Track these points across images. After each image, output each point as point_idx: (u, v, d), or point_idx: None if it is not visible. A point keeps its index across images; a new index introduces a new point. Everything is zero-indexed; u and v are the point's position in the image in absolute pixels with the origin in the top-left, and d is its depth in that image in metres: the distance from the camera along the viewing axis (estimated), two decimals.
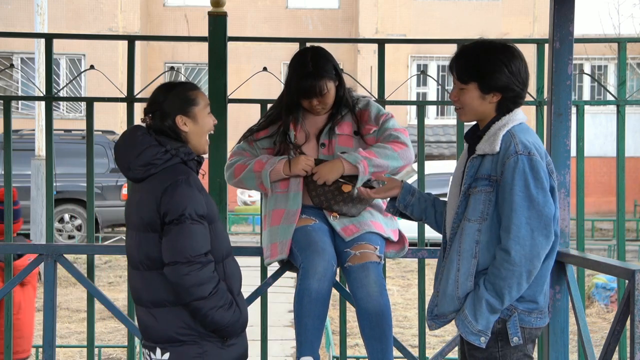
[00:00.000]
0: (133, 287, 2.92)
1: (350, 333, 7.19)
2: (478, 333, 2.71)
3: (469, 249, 2.76)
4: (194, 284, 2.71)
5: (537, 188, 2.69)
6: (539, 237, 2.68)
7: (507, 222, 2.69)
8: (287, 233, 3.39)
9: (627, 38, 4.43)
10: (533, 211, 2.68)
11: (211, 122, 2.98)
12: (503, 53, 2.82)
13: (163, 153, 2.82)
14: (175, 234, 2.73)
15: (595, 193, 18.97)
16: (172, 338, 2.80)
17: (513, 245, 2.66)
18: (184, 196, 2.75)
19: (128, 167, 2.86)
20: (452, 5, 20.00)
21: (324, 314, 3.25)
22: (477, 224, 2.76)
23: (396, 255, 3.60)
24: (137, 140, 2.85)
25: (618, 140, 4.28)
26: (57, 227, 13.94)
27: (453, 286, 2.77)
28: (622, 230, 4.26)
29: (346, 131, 3.52)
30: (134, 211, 2.86)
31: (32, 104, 15.40)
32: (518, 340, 2.73)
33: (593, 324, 8.33)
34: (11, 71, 18.13)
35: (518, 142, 2.73)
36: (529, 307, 2.77)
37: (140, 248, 2.83)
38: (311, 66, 3.42)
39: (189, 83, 3.01)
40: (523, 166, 2.69)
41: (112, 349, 7.04)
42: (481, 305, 2.70)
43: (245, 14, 20.21)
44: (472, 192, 2.79)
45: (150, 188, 2.80)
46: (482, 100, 2.83)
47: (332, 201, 3.45)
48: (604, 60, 20.03)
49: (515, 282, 2.67)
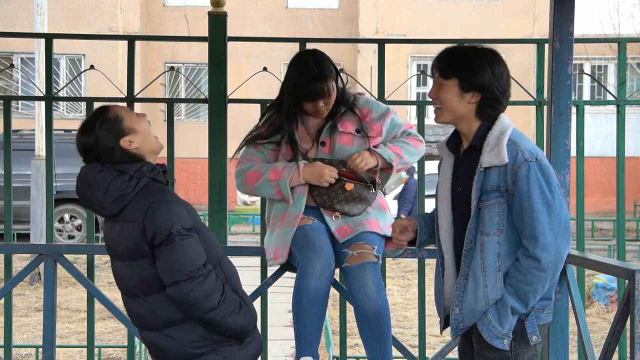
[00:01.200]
0: (135, 315, 2.85)
1: (350, 333, 7.19)
2: (503, 336, 2.74)
3: (493, 263, 2.76)
4: (200, 298, 2.68)
5: (551, 193, 2.72)
6: (562, 241, 2.72)
7: (531, 231, 2.70)
8: (288, 237, 3.39)
9: (627, 38, 4.43)
10: (553, 216, 2.71)
11: (144, 119, 2.86)
12: (488, 54, 2.83)
13: (128, 180, 2.74)
14: (168, 255, 2.68)
15: (595, 193, 18.97)
16: (190, 353, 2.77)
17: (541, 253, 2.69)
18: (166, 215, 2.69)
19: (101, 207, 2.78)
20: (452, 5, 20.00)
21: (322, 313, 3.25)
22: (496, 237, 2.77)
23: (394, 253, 3.60)
24: (98, 178, 2.78)
25: (618, 140, 4.29)
26: (57, 227, 13.93)
27: (483, 302, 2.77)
28: (622, 230, 4.26)
29: (348, 129, 3.51)
30: (118, 243, 2.79)
31: (32, 104, 15.40)
32: (537, 339, 2.77)
33: (593, 324, 8.33)
34: (11, 71, 18.13)
35: (524, 150, 2.74)
36: (544, 304, 2.81)
37: (133, 276, 2.77)
38: (315, 68, 3.41)
39: (98, 109, 2.88)
40: (535, 173, 2.71)
41: (112, 349, 7.03)
42: (506, 311, 2.73)
43: (245, 14, 20.21)
44: (485, 206, 2.78)
45: (129, 216, 2.74)
46: (460, 99, 2.81)
47: (334, 200, 3.45)
48: (604, 60, 20.04)
49: (541, 286, 2.73)
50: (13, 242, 4.25)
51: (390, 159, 3.45)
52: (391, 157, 3.45)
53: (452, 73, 2.82)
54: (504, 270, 2.76)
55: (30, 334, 7.93)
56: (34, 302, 9.42)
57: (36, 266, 3.90)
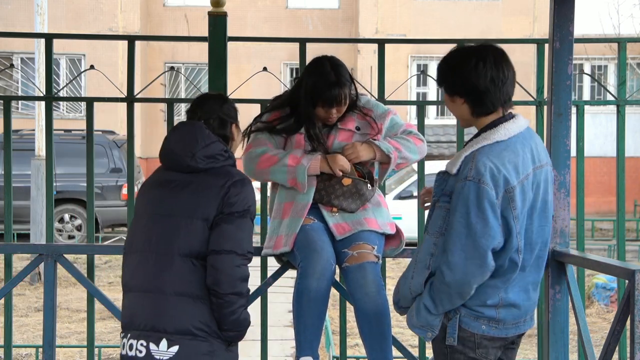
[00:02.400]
0: (149, 273, 2.82)
1: (350, 333, 7.19)
2: (420, 328, 2.79)
3: (423, 259, 2.80)
4: (240, 277, 2.80)
5: (477, 217, 2.64)
6: (472, 267, 2.66)
7: (445, 245, 2.71)
8: (294, 227, 3.39)
9: (627, 38, 4.43)
10: (469, 239, 2.65)
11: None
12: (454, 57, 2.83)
13: (224, 151, 2.96)
14: (238, 225, 2.82)
15: (595, 193, 18.96)
16: (187, 330, 2.77)
17: (446, 269, 2.69)
18: (250, 193, 2.89)
19: (192, 155, 2.90)
20: (452, 5, 20.00)
21: (323, 313, 3.26)
22: (434, 238, 2.78)
23: (394, 252, 3.60)
24: (204, 133, 2.95)
25: (618, 140, 4.29)
26: (57, 227, 13.93)
27: (407, 291, 2.85)
28: (622, 230, 4.26)
29: (348, 126, 3.53)
30: (183, 199, 2.85)
31: (32, 104, 15.40)
32: (453, 341, 2.76)
33: (593, 324, 8.33)
34: (11, 71, 18.13)
35: (473, 167, 2.67)
36: (473, 314, 2.76)
37: (188, 235, 2.81)
38: (334, 75, 3.43)
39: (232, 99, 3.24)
40: (468, 193, 2.65)
41: (112, 349, 7.03)
42: (420, 305, 2.78)
43: (245, 14, 20.21)
44: (437, 207, 2.82)
45: (211, 180, 2.88)
46: (453, 104, 2.85)
47: (332, 195, 3.45)
48: (604, 60, 20.03)
49: (446, 297, 2.73)
50: (13, 242, 4.24)
51: (388, 151, 3.45)
52: (389, 150, 3.46)
53: (439, 82, 2.90)
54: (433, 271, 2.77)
55: (30, 334, 7.93)
56: (34, 302, 9.42)
57: (36, 266, 3.90)
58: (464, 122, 2.92)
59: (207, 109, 3.07)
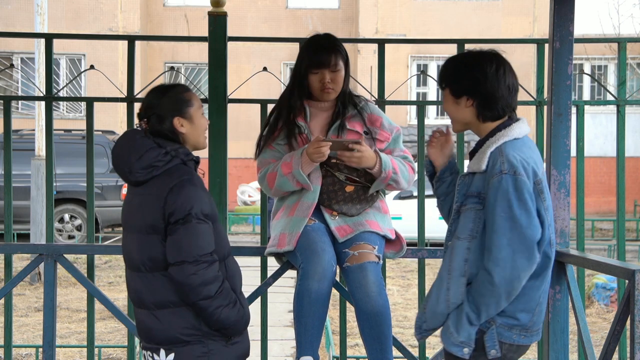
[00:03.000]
0: (134, 290, 2.91)
1: (350, 333, 7.19)
2: (460, 344, 2.70)
3: (459, 267, 2.73)
4: (200, 283, 2.73)
5: (520, 209, 2.63)
6: (521, 259, 2.63)
7: (489, 243, 2.65)
8: (299, 226, 3.39)
9: (627, 38, 4.43)
10: (515, 232, 2.63)
11: (205, 122, 3.00)
12: (470, 58, 2.82)
13: (164, 155, 2.84)
14: (181, 234, 2.74)
15: (595, 193, 18.97)
16: (176, 339, 2.80)
17: (493, 267, 2.63)
18: (189, 196, 2.76)
19: (129, 171, 2.86)
20: (452, 5, 20.00)
21: (323, 315, 3.25)
22: (467, 242, 2.73)
23: (395, 256, 3.60)
24: (136, 143, 2.86)
25: (618, 140, 4.29)
26: (57, 227, 13.93)
27: (444, 305, 2.75)
28: (622, 230, 4.26)
29: (357, 128, 3.52)
30: (135, 214, 2.86)
31: (32, 104, 15.40)
32: (496, 353, 2.70)
33: (593, 324, 8.32)
34: (11, 71, 18.13)
35: (505, 160, 2.67)
36: (508, 322, 2.73)
37: (142, 250, 2.83)
38: (325, 41, 3.49)
39: (181, 85, 3.02)
40: (507, 186, 2.64)
41: (112, 349, 7.03)
42: (462, 318, 2.69)
43: (245, 14, 20.22)
44: (463, 210, 2.77)
45: (153, 190, 2.81)
46: (457, 106, 2.83)
47: (333, 200, 3.46)
48: (604, 60, 20.03)
49: (493, 301, 2.66)
50: (13, 242, 4.24)
51: (385, 168, 3.41)
52: (387, 167, 3.42)
53: (444, 83, 2.86)
54: (470, 278, 2.71)
55: (30, 334, 7.92)
56: (34, 302, 9.41)
57: (36, 266, 3.90)
58: (462, 126, 2.87)
59: (146, 106, 2.93)
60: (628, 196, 17.72)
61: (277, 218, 3.55)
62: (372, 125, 3.55)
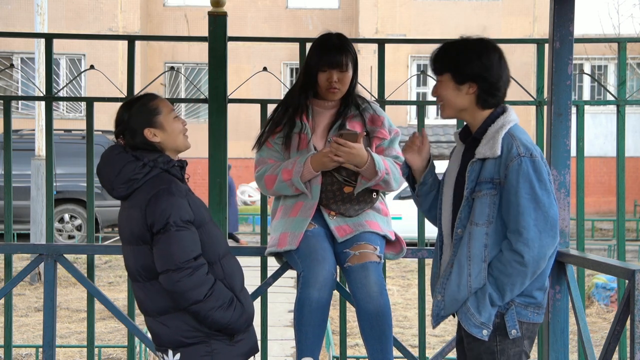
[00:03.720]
0: (137, 299, 2.97)
1: (350, 333, 7.19)
2: (481, 326, 2.74)
3: (479, 253, 2.77)
4: (187, 289, 2.76)
5: (542, 190, 2.71)
6: (547, 239, 2.71)
7: (515, 225, 2.71)
8: (301, 226, 3.39)
9: (627, 38, 4.43)
10: (539, 213, 2.70)
11: (180, 125, 3.00)
12: (477, 45, 2.85)
13: (141, 167, 2.88)
14: (162, 243, 2.78)
15: (595, 193, 18.96)
16: (181, 342, 2.86)
17: (523, 248, 2.69)
18: (166, 205, 2.79)
19: (111, 187, 2.92)
20: (452, 5, 20.00)
21: (324, 322, 3.27)
22: (485, 228, 2.77)
23: (395, 257, 3.60)
24: (114, 159, 2.91)
25: (618, 140, 4.28)
26: (57, 227, 13.93)
27: (465, 291, 2.78)
28: (622, 230, 4.26)
29: (356, 129, 3.52)
30: (125, 227, 2.92)
31: (32, 104, 15.39)
32: (517, 333, 2.76)
33: (593, 324, 8.32)
34: (11, 71, 18.13)
35: (520, 144, 2.74)
36: (526, 300, 2.79)
37: (136, 260, 2.89)
38: (336, 40, 3.49)
39: (148, 94, 3.03)
40: (527, 168, 2.71)
41: (112, 349, 7.03)
42: (485, 299, 2.74)
43: (245, 14, 20.22)
44: (477, 196, 2.79)
45: (135, 203, 2.86)
46: (457, 92, 2.84)
47: (331, 200, 3.46)
48: (604, 60, 20.03)
49: (519, 281, 2.72)
50: (13, 242, 4.24)
51: (378, 169, 3.39)
52: (380, 168, 3.40)
53: (445, 68, 2.87)
54: (489, 261, 2.76)
55: (30, 334, 7.92)
56: (34, 302, 9.41)
57: (36, 266, 3.90)
58: (455, 112, 2.89)
59: (117, 123, 2.97)
60: (628, 196, 17.72)
61: (277, 218, 3.55)
62: (374, 125, 3.55)
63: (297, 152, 3.49)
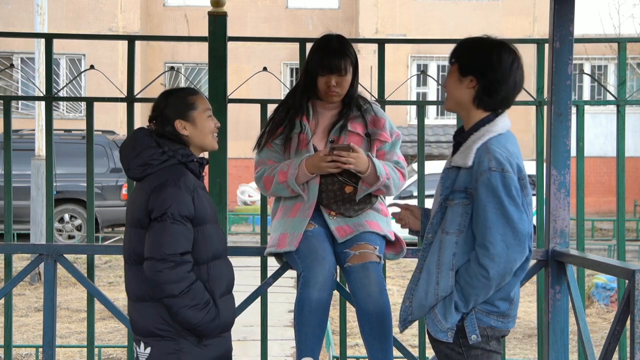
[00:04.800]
0: (125, 280, 3.03)
1: (350, 333, 7.19)
2: (447, 330, 2.76)
3: (448, 261, 2.78)
4: (165, 281, 2.79)
5: (511, 205, 2.68)
6: (514, 254, 2.69)
7: (483, 240, 2.69)
8: (300, 226, 3.39)
9: (627, 38, 4.43)
10: (507, 228, 2.68)
11: (212, 124, 3.04)
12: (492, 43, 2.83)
13: (160, 154, 2.92)
14: (155, 231, 2.82)
15: (595, 193, 18.97)
16: (152, 332, 2.89)
17: (489, 263, 2.68)
18: (169, 196, 2.83)
19: (128, 167, 2.98)
20: (452, 5, 20.01)
21: (324, 322, 3.27)
22: (455, 237, 2.77)
23: (395, 257, 3.60)
24: (137, 141, 2.97)
25: (618, 140, 4.28)
26: (57, 227, 13.93)
27: (432, 299, 2.80)
28: (622, 230, 4.26)
29: (358, 130, 3.52)
30: (130, 208, 2.97)
31: (32, 104, 15.40)
32: (477, 338, 2.76)
33: (593, 324, 8.33)
34: (11, 71, 18.13)
35: (492, 158, 2.70)
36: (487, 308, 2.78)
37: (130, 242, 2.93)
38: (336, 44, 3.47)
39: (189, 88, 3.09)
40: (496, 183, 2.67)
41: (112, 349, 7.03)
42: (450, 306, 2.75)
43: (245, 14, 20.22)
44: (450, 205, 2.80)
45: (144, 187, 2.91)
46: (459, 84, 2.83)
47: (332, 200, 3.45)
48: (604, 60, 20.04)
49: (483, 293, 2.73)
50: (13, 242, 4.24)
51: (380, 174, 3.40)
52: (381, 174, 3.41)
53: (455, 58, 2.86)
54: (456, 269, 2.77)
55: (30, 334, 7.93)
56: (34, 302, 9.42)
57: (36, 266, 3.90)
58: (455, 105, 2.88)
59: (155, 107, 3.03)
60: (628, 196, 17.72)
61: (277, 219, 3.55)
62: (375, 127, 3.55)
63: (297, 153, 3.49)
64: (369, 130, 3.53)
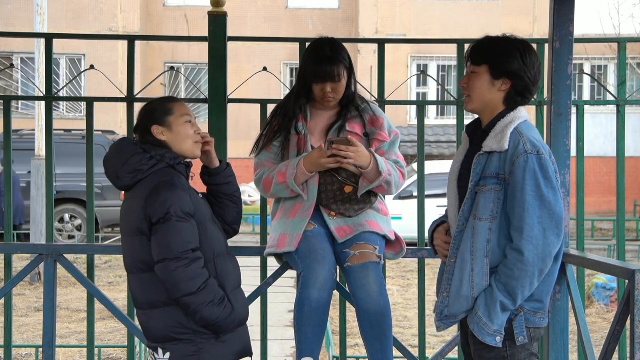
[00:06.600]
0: (131, 291, 3.01)
1: (350, 333, 7.19)
2: (494, 333, 2.72)
3: (482, 248, 2.76)
4: (182, 279, 2.79)
5: (547, 187, 2.70)
6: (551, 237, 2.69)
7: (519, 222, 2.69)
8: (300, 227, 3.39)
9: (627, 38, 4.42)
10: (545, 210, 2.69)
11: (190, 130, 3.04)
12: (519, 43, 2.85)
13: (148, 159, 2.94)
14: (162, 233, 2.81)
15: (595, 193, 18.96)
16: (169, 337, 2.88)
17: (526, 245, 2.67)
18: (167, 196, 2.84)
19: (117, 176, 2.99)
20: (452, 5, 20.00)
21: (324, 322, 3.26)
22: (488, 223, 2.76)
23: (395, 257, 3.59)
24: (123, 149, 3.00)
25: (618, 140, 4.28)
26: (57, 227, 13.93)
27: (468, 287, 2.77)
28: (622, 230, 4.26)
29: (356, 130, 3.51)
30: (124, 218, 2.96)
31: (32, 104, 15.39)
32: (524, 339, 2.75)
33: (593, 324, 8.32)
34: (11, 71, 18.13)
35: (527, 141, 2.73)
36: (535, 306, 2.78)
37: (132, 252, 2.92)
38: (329, 51, 3.44)
39: (169, 97, 3.14)
40: (533, 165, 2.70)
41: (112, 349, 7.04)
42: (495, 306, 2.71)
43: (245, 14, 20.21)
44: (481, 191, 2.79)
45: (137, 193, 2.91)
46: (491, 87, 2.84)
47: (331, 200, 3.45)
48: (604, 60, 20.03)
49: (528, 281, 2.69)
50: (13, 242, 4.25)
51: (382, 170, 3.39)
52: (383, 170, 3.40)
53: (483, 60, 2.85)
54: (491, 258, 2.75)
55: (30, 334, 7.93)
56: (34, 302, 9.42)
57: (36, 266, 3.90)
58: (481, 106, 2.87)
59: (138, 118, 3.07)
60: (628, 196, 17.72)
61: (276, 219, 3.55)
62: (373, 126, 3.54)
63: (295, 154, 3.49)
64: (367, 130, 3.53)
